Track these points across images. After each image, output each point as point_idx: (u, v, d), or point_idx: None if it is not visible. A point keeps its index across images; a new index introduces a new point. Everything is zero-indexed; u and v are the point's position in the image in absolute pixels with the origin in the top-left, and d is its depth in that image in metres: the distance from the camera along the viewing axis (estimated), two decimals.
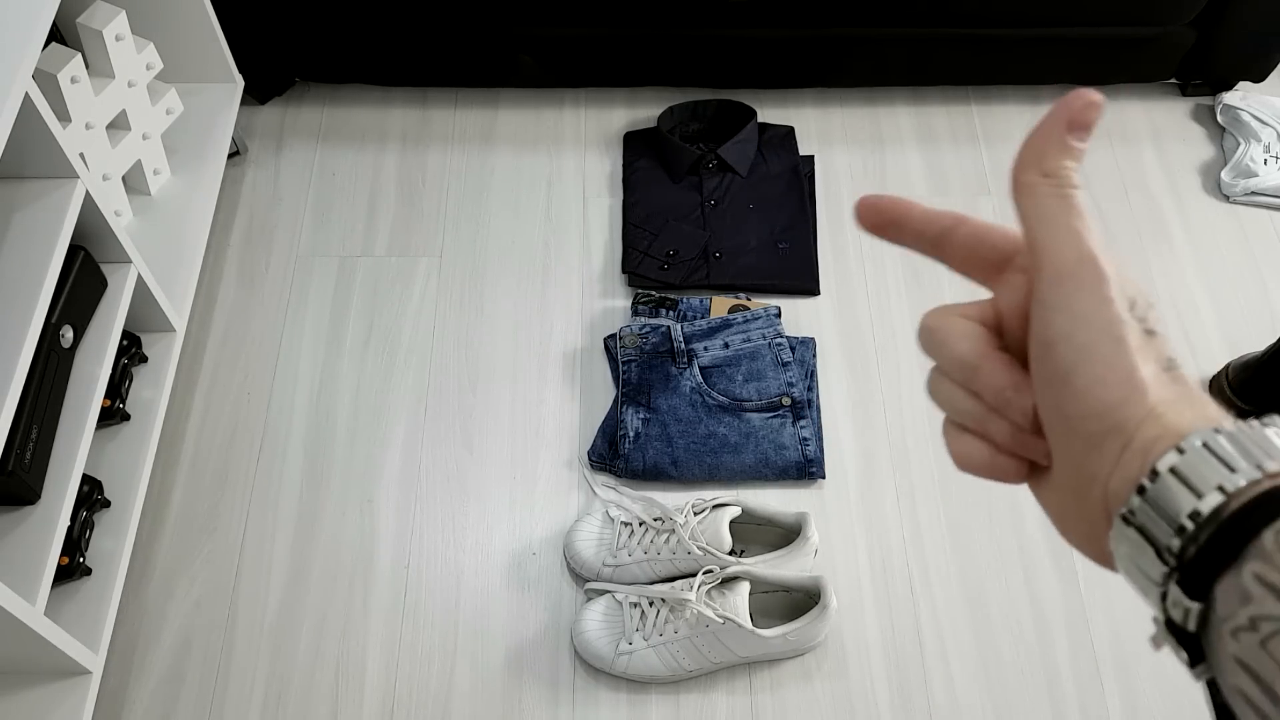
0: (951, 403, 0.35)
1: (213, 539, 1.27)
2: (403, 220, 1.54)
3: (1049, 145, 0.33)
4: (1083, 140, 0.33)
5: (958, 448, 0.35)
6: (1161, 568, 0.28)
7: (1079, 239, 0.32)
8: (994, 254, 0.36)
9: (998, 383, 0.33)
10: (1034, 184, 0.33)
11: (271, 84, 1.63)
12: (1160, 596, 0.29)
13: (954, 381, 0.34)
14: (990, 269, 0.36)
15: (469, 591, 1.24)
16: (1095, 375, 0.30)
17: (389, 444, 1.34)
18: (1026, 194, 0.33)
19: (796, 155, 1.61)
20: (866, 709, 1.18)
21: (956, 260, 0.37)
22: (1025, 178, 0.34)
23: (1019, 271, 0.35)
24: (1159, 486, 0.28)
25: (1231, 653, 0.27)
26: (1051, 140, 0.33)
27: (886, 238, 0.37)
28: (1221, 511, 0.27)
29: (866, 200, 0.37)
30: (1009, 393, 0.33)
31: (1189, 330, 1.47)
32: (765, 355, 1.38)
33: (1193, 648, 0.28)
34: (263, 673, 1.19)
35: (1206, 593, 0.28)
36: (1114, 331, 0.30)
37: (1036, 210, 0.33)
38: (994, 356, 0.34)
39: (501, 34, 1.52)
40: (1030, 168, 0.34)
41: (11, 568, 1.00)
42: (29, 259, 1.02)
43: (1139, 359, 0.30)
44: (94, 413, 1.11)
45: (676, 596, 1.15)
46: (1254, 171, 1.58)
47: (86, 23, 1.21)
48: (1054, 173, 0.33)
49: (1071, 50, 1.58)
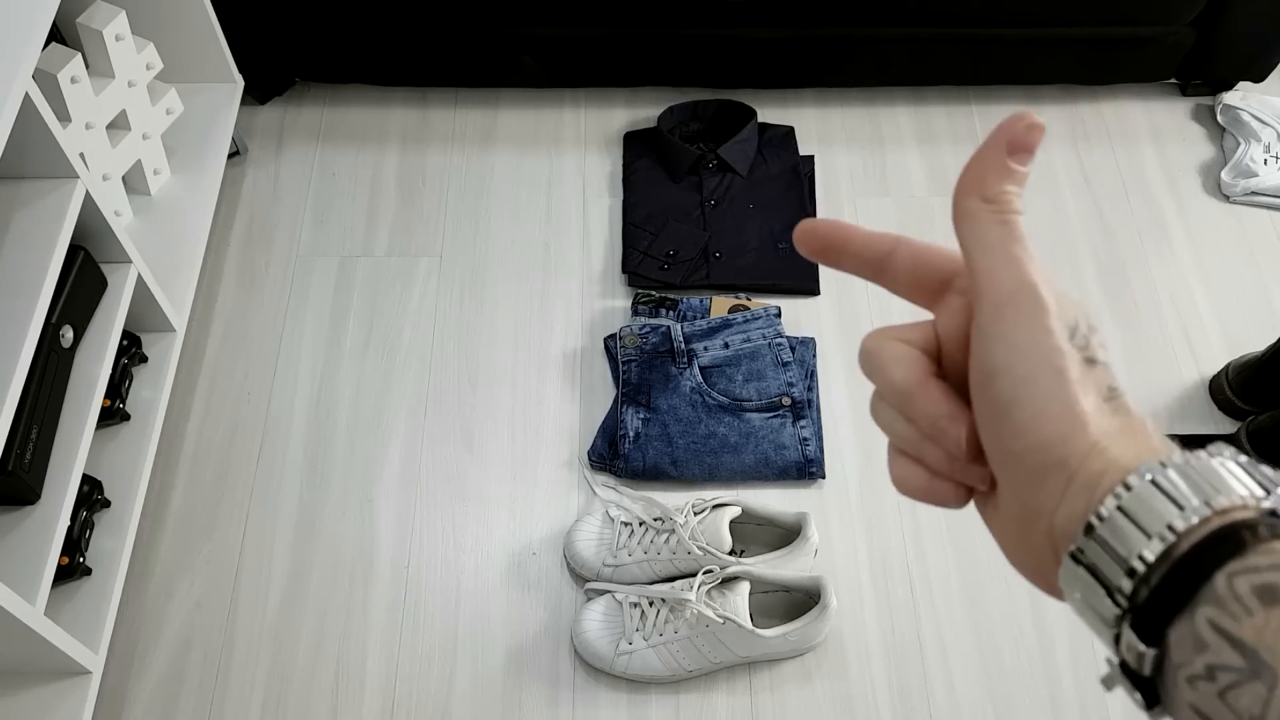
0: (889, 427, 0.34)
1: (213, 539, 1.27)
2: (403, 220, 1.54)
3: (989, 169, 0.32)
4: (1024, 163, 0.32)
5: (896, 471, 0.34)
6: (1114, 609, 0.28)
7: (1018, 266, 0.31)
8: (933, 276, 0.35)
9: (931, 411, 0.32)
10: (974, 210, 0.32)
11: (271, 84, 1.63)
12: (1113, 638, 0.28)
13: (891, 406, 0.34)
14: (930, 292, 0.35)
15: (469, 591, 1.24)
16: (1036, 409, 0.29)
17: (389, 444, 1.34)
18: (966, 220, 0.32)
19: (796, 155, 1.61)
20: (866, 709, 1.18)
21: (897, 284, 0.35)
22: (965, 203, 0.33)
23: (958, 294, 0.34)
24: (1107, 526, 0.28)
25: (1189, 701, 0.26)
26: (992, 164, 0.32)
27: (827, 262, 0.36)
28: (1172, 553, 0.27)
29: (804, 225, 0.36)
30: (942, 422, 0.32)
31: (1189, 330, 1.47)
32: (765, 355, 1.38)
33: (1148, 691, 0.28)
34: (263, 673, 1.19)
35: (1160, 638, 0.27)
36: (1054, 363, 0.29)
37: (976, 237, 0.32)
38: (928, 385, 0.33)
39: (501, 34, 1.52)
40: (970, 193, 0.32)
41: (11, 568, 1.00)
42: (29, 259, 1.02)
43: (1079, 391, 0.29)
44: (94, 413, 1.11)
45: (676, 596, 1.15)
46: (1254, 171, 1.58)
47: (86, 23, 1.21)
48: (995, 198, 0.32)
49: (1071, 50, 1.58)
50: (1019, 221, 0.32)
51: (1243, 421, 1.36)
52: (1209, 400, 1.41)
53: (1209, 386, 1.42)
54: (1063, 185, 1.62)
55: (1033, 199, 1.60)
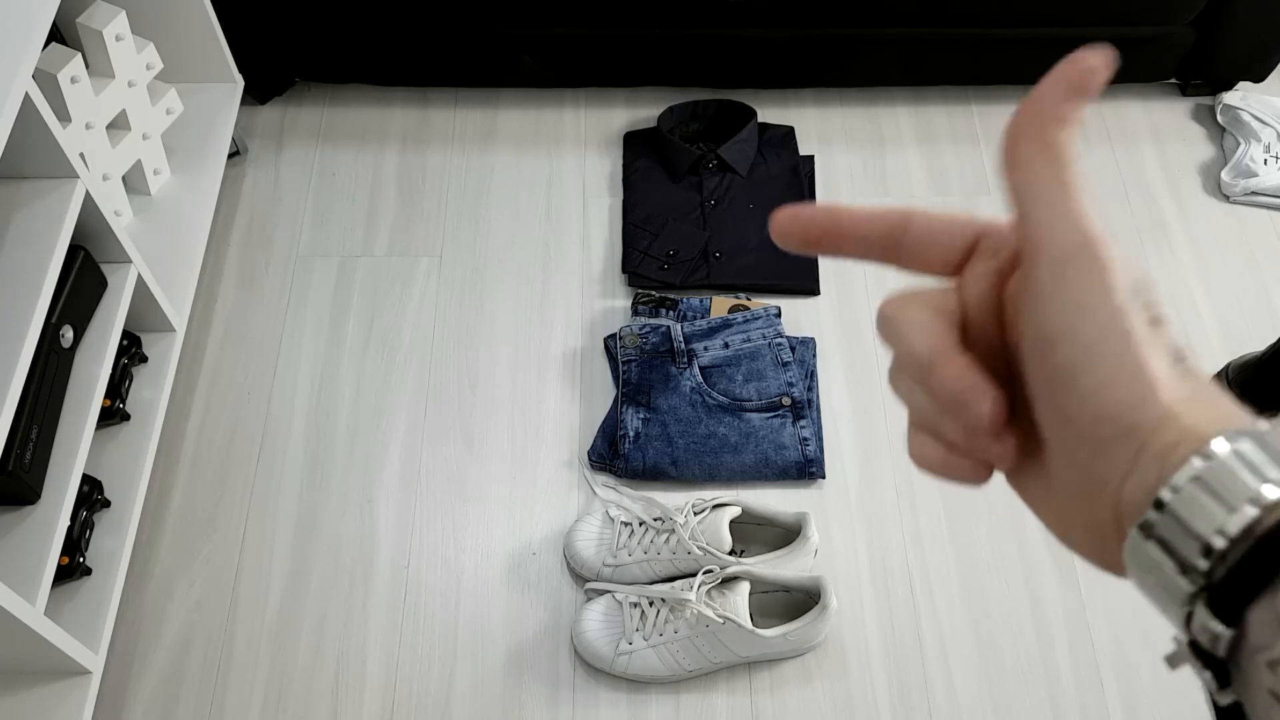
0: (908, 397, 0.32)
1: (213, 539, 1.27)
2: (403, 220, 1.54)
3: (1046, 115, 0.29)
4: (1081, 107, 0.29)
5: (914, 444, 0.32)
6: (1187, 587, 0.26)
7: (1079, 222, 0.28)
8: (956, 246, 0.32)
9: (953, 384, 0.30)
10: (1028, 159, 0.29)
11: (271, 84, 1.63)
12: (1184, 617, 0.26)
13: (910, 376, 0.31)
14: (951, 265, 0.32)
15: (469, 591, 1.24)
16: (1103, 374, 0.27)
17: (389, 444, 1.34)
18: (1019, 170, 0.30)
19: (796, 155, 1.61)
20: (866, 709, 1.18)
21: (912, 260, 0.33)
22: (1019, 151, 0.30)
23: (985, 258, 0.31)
24: (1182, 498, 0.26)
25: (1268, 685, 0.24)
26: (1050, 109, 0.29)
27: (824, 251, 0.33)
28: (1255, 528, 0.25)
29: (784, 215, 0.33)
30: (965, 395, 0.30)
31: (1189, 330, 1.47)
32: (765, 355, 1.38)
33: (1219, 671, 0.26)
34: (263, 673, 1.19)
35: (1238, 618, 0.25)
36: (1121, 324, 0.27)
37: (1031, 188, 0.29)
38: (951, 355, 0.30)
39: (501, 34, 1.52)
40: (1023, 140, 0.29)
41: (11, 568, 1.00)
42: (29, 259, 1.02)
43: (1148, 353, 0.27)
44: (94, 413, 1.11)
45: (676, 596, 1.15)
46: (1254, 171, 1.58)
47: (86, 23, 1.21)
48: (1049, 145, 0.29)
49: (1071, 50, 1.58)
50: (1074, 172, 0.29)
51: None
52: None
53: None
54: None
55: None
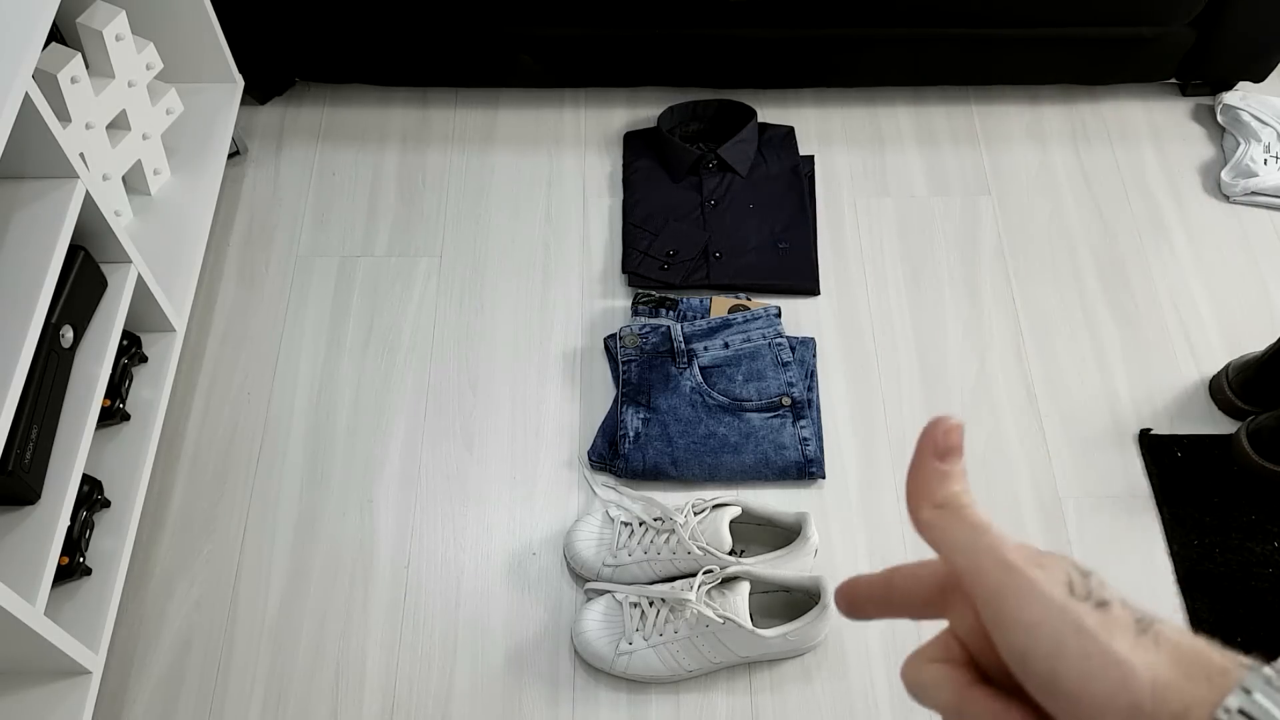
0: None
1: (213, 539, 1.27)
2: (403, 220, 1.54)
3: (929, 480, 0.34)
4: (956, 463, 0.34)
5: None
6: None
7: (994, 554, 0.32)
8: (932, 587, 0.36)
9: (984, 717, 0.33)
10: (931, 519, 0.34)
11: (271, 84, 1.63)
12: None
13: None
14: (935, 604, 0.36)
15: (469, 591, 1.24)
16: (1078, 672, 0.29)
17: (389, 444, 1.34)
18: (929, 530, 0.34)
19: (796, 155, 1.61)
20: (866, 709, 1.18)
21: (908, 611, 0.37)
22: (921, 516, 0.34)
23: (957, 595, 0.35)
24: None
25: None
26: (929, 474, 0.34)
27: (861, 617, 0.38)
28: None
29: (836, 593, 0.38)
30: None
31: (1189, 330, 1.47)
32: (765, 355, 1.38)
33: None
34: (263, 673, 1.19)
35: None
36: (1070, 623, 0.30)
37: (946, 541, 0.34)
38: (971, 696, 0.33)
39: (501, 34, 1.52)
40: (921, 506, 0.35)
41: (11, 568, 1.00)
42: (29, 259, 1.02)
43: (1109, 638, 0.29)
44: (94, 413, 1.11)
45: (676, 596, 1.15)
46: (1254, 171, 1.58)
47: (86, 23, 1.21)
48: (944, 502, 0.34)
49: (1071, 50, 1.58)
50: (976, 513, 0.34)
51: (1243, 421, 1.36)
52: (1209, 400, 1.41)
53: (1209, 386, 1.42)
54: (1063, 185, 1.62)
55: (1033, 199, 1.60)
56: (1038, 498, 1.33)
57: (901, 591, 0.36)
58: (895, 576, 0.37)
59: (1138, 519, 1.32)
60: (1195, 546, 1.29)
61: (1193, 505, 1.32)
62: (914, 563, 0.36)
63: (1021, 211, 1.59)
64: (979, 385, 1.41)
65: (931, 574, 0.36)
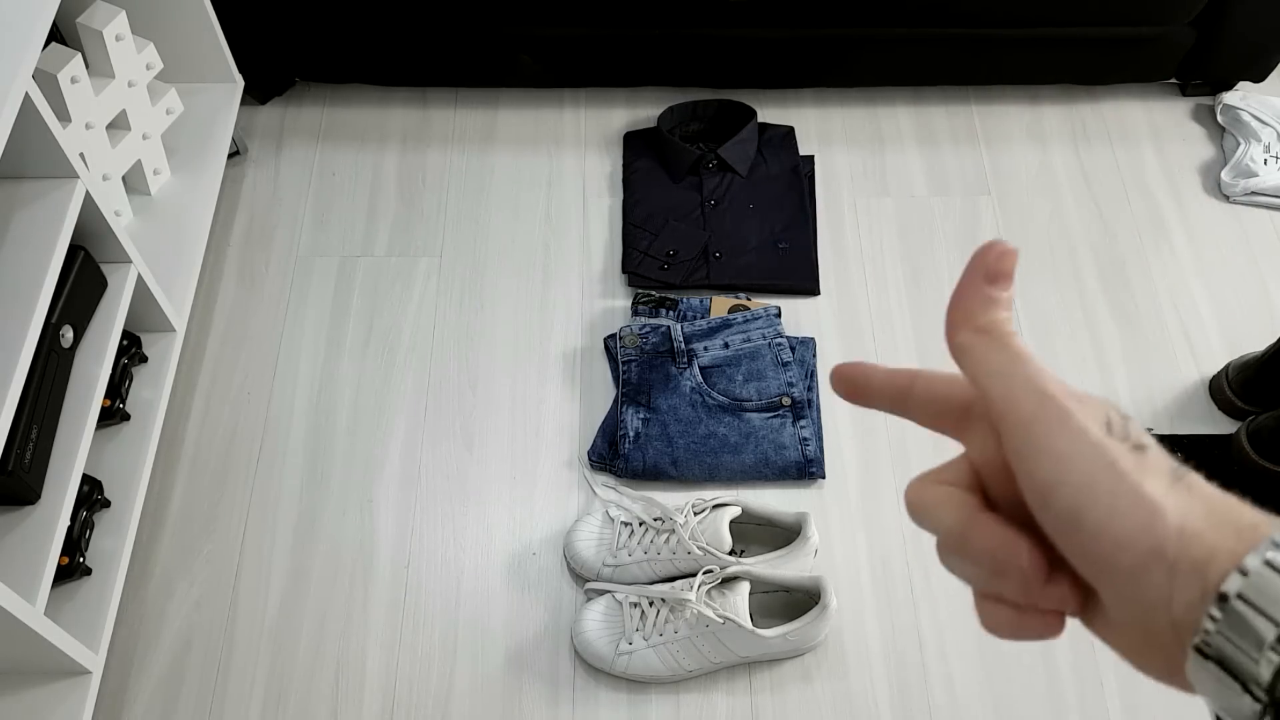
0: (959, 571, 0.34)
1: (213, 539, 1.27)
2: (403, 220, 1.54)
3: (974, 302, 0.33)
4: (1006, 289, 0.33)
5: (983, 616, 0.33)
6: (1252, 705, 0.26)
7: (1032, 383, 0.31)
8: (952, 405, 0.35)
9: (987, 546, 0.32)
10: (970, 343, 0.33)
11: (271, 84, 1.63)
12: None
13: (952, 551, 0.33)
14: (953, 421, 0.35)
15: (469, 591, 1.24)
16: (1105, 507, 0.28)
17: (389, 444, 1.34)
18: (966, 355, 0.33)
19: (796, 155, 1.61)
20: (866, 709, 1.18)
21: (920, 417, 0.36)
22: (960, 339, 0.33)
23: (980, 421, 0.34)
24: (1231, 616, 0.26)
25: None
26: (975, 297, 0.33)
27: (860, 403, 0.37)
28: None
29: (836, 371, 0.37)
30: (1001, 553, 0.31)
31: (1189, 330, 1.47)
32: (765, 355, 1.38)
33: None
34: (263, 673, 1.19)
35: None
36: (1104, 459, 0.29)
37: (981, 367, 0.32)
38: (977, 520, 0.32)
39: (501, 34, 1.52)
40: (961, 328, 0.33)
41: (11, 568, 1.00)
42: (29, 259, 1.02)
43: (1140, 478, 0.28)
44: (94, 413, 1.11)
45: (676, 596, 1.15)
46: (1254, 171, 1.58)
47: (86, 23, 1.21)
48: (987, 328, 0.33)
49: (1071, 50, 1.58)
50: (1018, 342, 0.32)
51: (1243, 421, 1.36)
52: (1209, 400, 1.41)
53: (1209, 386, 1.42)
54: (1063, 185, 1.62)
55: (1033, 199, 1.60)
56: None
57: (921, 396, 0.35)
58: (919, 380, 0.35)
59: None
60: None
61: None
62: (940, 374, 0.35)
63: (1021, 211, 1.59)
64: None
65: (956, 391, 0.35)
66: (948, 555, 0.33)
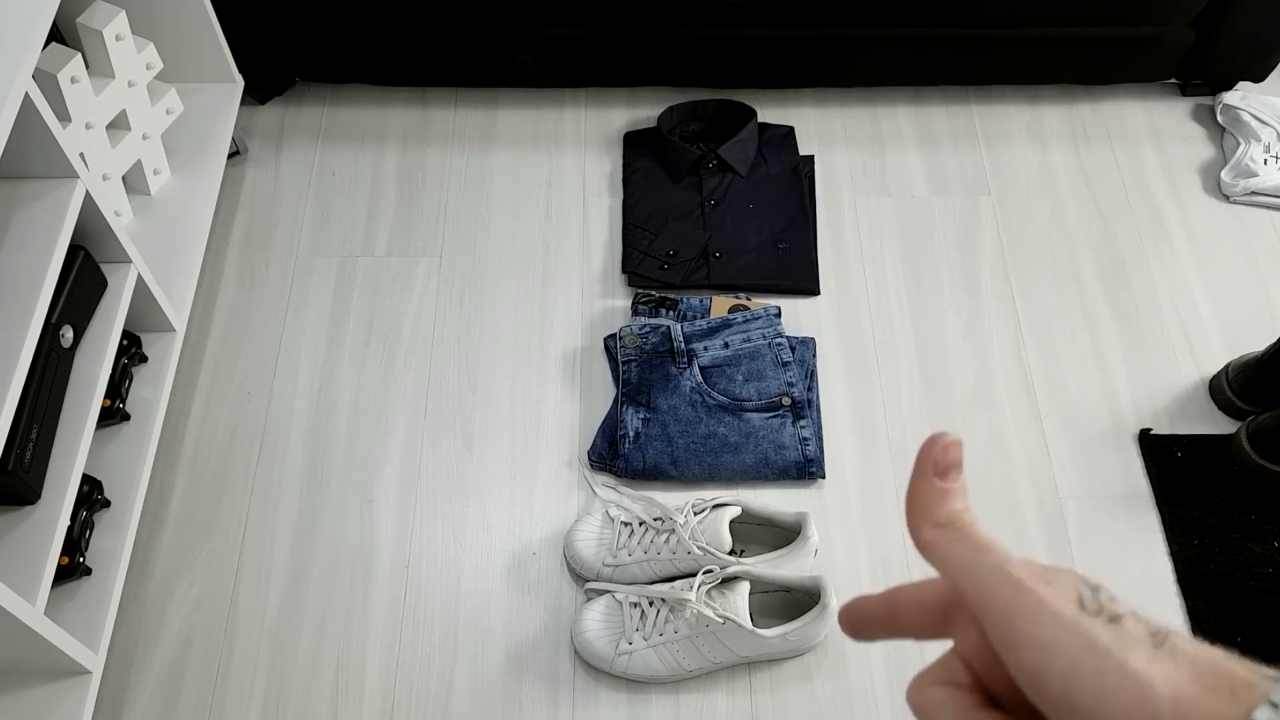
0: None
1: (213, 539, 1.27)
2: (403, 220, 1.54)
3: (929, 499, 0.34)
4: (956, 480, 0.34)
5: None
6: None
7: (1000, 572, 0.31)
8: (935, 608, 0.35)
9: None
10: (933, 539, 0.34)
11: (271, 84, 1.63)
12: None
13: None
14: (938, 624, 0.35)
15: (469, 591, 1.24)
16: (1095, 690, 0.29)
17: (389, 444, 1.34)
18: (932, 551, 0.34)
19: (796, 155, 1.61)
20: (866, 709, 1.18)
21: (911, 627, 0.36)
22: (923, 536, 0.34)
23: (960, 614, 0.34)
24: None
25: None
26: (929, 494, 0.34)
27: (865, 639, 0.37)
28: None
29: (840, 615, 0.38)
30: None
31: (1189, 330, 1.47)
32: (765, 355, 1.38)
33: None
34: (263, 673, 1.19)
35: None
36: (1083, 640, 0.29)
37: (949, 561, 0.33)
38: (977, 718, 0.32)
39: (501, 34, 1.52)
40: (922, 526, 0.34)
41: (11, 568, 1.00)
42: (29, 259, 1.02)
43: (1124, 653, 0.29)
44: (94, 413, 1.11)
45: (676, 596, 1.15)
46: (1254, 171, 1.58)
47: (86, 23, 1.21)
48: (946, 522, 0.33)
49: (1071, 50, 1.58)
50: (979, 532, 0.33)
51: (1243, 421, 1.36)
52: (1209, 400, 1.41)
53: (1209, 386, 1.42)
54: (1063, 185, 1.62)
55: (1033, 199, 1.60)
56: (1037, 498, 1.33)
57: (905, 612, 0.36)
58: (898, 597, 0.36)
59: (1137, 519, 1.32)
60: (1195, 546, 1.29)
61: (1193, 505, 1.32)
62: (917, 582, 0.36)
63: (1021, 211, 1.59)
64: (979, 385, 1.41)
65: (935, 593, 0.35)
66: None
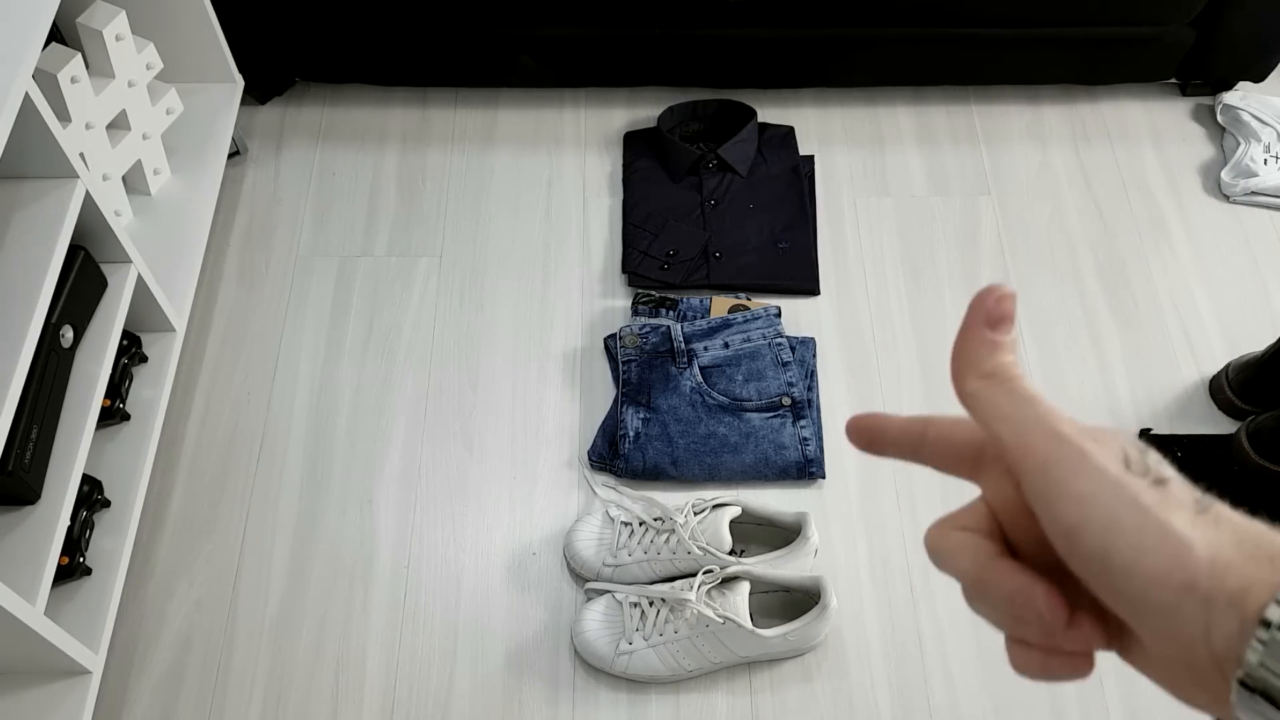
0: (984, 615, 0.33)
1: (213, 539, 1.27)
2: (403, 220, 1.54)
3: (978, 349, 0.33)
4: (1008, 333, 0.33)
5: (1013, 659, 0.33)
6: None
7: (1045, 425, 0.31)
8: (966, 450, 0.35)
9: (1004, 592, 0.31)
10: (978, 390, 0.33)
11: (271, 84, 1.63)
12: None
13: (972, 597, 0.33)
14: (968, 466, 0.35)
15: (469, 591, 1.24)
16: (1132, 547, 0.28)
17: (389, 444, 1.34)
18: (975, 402, 0.33)
19: (796, 155, 1.61)
20: (866, 709, 1.18)
21: (935, 463, 0.36)
22: (967, 387, 0.33)
23: (994, 465, 0.34)
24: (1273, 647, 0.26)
25: None
26: (979, 343, 0.33)
27: (875, 453, 0.37)
28: None
29: (851, 423, 0.37)
30: (1019, 598, 0.31)
31: (1189, 330, 1.47)
32: (765, 355, 1.38)
33: None
34: (263, 673, 1.19)
35: None
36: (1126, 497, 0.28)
37: (992, 413, 0.32)
38: (994, 566, 0.32)
39: (501, 34, 1.52)
40: (968, 376, 0.33)
41: (11, 568, 1.00)
42: (29, 259, 1.02)
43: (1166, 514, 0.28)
44: (94, 413, 1.11)
45: (676, 596, 1.15)
46: (1254, 171, 1.58)
47: (86, 23, 1.21)
48: (993, 373, 0.33)
49: (1071, 50, 1.58)
50: (1026, 384, 0.32)
51: (1243, 421, 1.36)
52: (1209, 400, 1.41)
53: (1209, 386, 1.42)
54: (1063, 185, 1.62)
55: (1033, 199, 1.60)
56: None
57: (932, 444, 0.35)
58: (931, 428, 0.35)
59: None
60: None
61: None
62: (950, 419, 0.35)
63: (1021, 211, 1.59)
64: None
65: (967, 435, 0.34)
66: (970, 600, 0.33)
